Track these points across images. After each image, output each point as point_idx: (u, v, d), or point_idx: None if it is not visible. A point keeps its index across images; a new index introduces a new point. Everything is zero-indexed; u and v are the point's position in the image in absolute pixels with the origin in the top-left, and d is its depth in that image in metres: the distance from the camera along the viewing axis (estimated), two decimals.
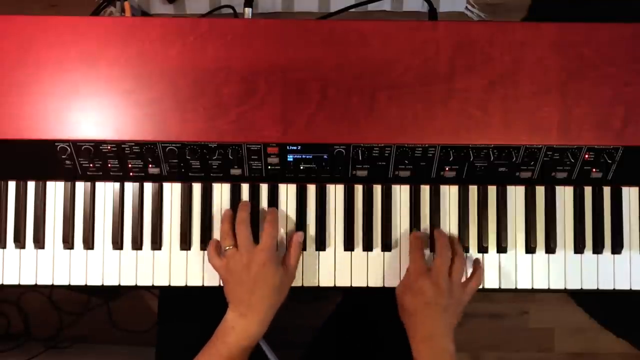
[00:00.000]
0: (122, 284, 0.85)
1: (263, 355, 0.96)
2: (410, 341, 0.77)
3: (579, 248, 0.85)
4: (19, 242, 0.84)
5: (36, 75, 0.79)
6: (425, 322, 0.75)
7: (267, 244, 0.78)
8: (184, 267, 0.85)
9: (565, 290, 0.86)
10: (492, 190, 0.86)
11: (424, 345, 0.75)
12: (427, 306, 0.75)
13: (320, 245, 0.85)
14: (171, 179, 0.84)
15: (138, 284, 0.85)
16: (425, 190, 0.86)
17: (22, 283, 0.85)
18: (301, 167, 0.83)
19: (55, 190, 0.85)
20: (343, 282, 0.85)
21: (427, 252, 0.85)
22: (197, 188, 0.85)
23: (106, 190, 0.85)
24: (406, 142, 0.80)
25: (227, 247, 0.79)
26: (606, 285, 0.86)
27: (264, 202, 0.85)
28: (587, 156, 0.82)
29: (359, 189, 0.85)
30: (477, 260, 0.84)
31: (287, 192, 0.85)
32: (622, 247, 0.85)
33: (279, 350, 0.98)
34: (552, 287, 0.85)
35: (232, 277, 0.78)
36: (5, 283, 0.85)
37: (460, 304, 0.79)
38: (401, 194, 0.86)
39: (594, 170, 0.83)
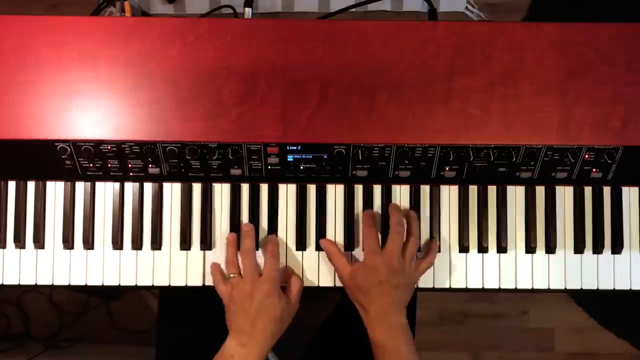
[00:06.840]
0: (122, 284, 0.85)
1: None
2: (363, 319, 0.79)
3: (579, 248, 0.85)
4: (19, 242, 0.84)
5: (36, 75, 0.79)
6: (379, 300, 0.77)
7: (271, 275, 0.79)
8: (183, 267, 0.85)
9: (565, 290, 0.86)
10: (492, 190, 0.85)
11: (377, 321, 0.77)
12: (379, 284, 0.76)
13: (320, 245, 0.85)
14: (171, 179, 0.84)
15: (138, 284, 0.85)
16: (425, 190, 0.85)
17: (22, 283, 0.85)
18: (301, 167, 0.83)
19: (55, 190, 0.85)
20: None
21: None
22: (197, 188, 0.85)
23: (106, 190, 0.85)
24: (406, 142, 0.80)
25: (232, 275, 0.80)
26: (606, 285, 0.86)
27: (264, 202, 0.85)
28: (587, 156, 0.82)
29: (359, 189, 0.85)
30: (434, 241, 0.84)
31: (287, 192, 0.85)
32: (622, 247, 0.85)
33: (278, 350, 0.98)
34: (552, 287, 0.85)
35: (235, 305, 0.78)
36: (5, 283, 0.85)
37: (412, 282, 0.80)
38: (401, 194, 0.85)
39: (594, 170, 0.83)
